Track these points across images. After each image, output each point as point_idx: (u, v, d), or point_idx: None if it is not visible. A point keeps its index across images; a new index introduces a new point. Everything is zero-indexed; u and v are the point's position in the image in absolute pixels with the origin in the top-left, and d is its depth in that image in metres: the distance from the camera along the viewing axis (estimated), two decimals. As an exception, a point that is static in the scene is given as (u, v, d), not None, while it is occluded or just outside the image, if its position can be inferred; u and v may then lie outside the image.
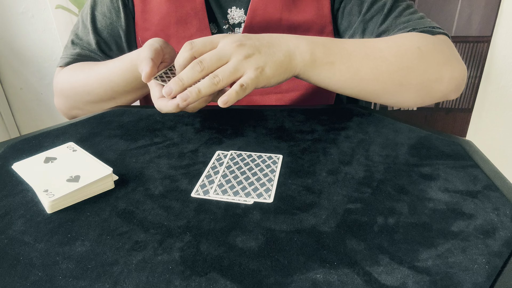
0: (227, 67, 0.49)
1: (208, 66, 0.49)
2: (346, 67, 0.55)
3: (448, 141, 0.52)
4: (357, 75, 0.55)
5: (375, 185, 0.44)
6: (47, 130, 0.58)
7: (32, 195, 0.43)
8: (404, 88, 0.58)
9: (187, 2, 0.70)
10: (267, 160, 0.48)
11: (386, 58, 0.56)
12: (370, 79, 0.56)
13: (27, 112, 1.68)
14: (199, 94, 0.48)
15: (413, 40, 0.59)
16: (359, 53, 0.55)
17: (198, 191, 0.43)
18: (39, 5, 1.47)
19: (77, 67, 0.72)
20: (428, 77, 0.58)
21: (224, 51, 0.49)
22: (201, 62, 0.49)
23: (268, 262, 0.34)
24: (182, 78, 0.49)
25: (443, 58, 0.59)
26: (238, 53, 0.49)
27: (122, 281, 0.32)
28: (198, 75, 0.49)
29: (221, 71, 0.48)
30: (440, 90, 0.59)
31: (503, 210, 0.39)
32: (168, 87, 0.49)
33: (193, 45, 0.50)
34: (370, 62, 0.56)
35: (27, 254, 0.35)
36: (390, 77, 0.56)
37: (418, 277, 0.32)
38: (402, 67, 0.56)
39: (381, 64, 0.56)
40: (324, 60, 0.54)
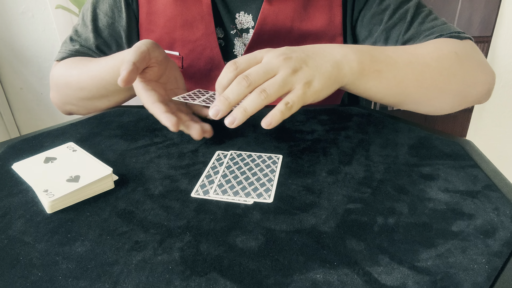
0: (275, 80, 0.45)
1: (254, 81, 0.45)
2: (393, 75, 0.53)
3: (448, 141, 0.52)
4: (402, 82, 0.54)
5: (375, 185, 0.44)
6: (47, 130, 0.58)
7: (32, 195, 0.43)
8: (444, 94, 0.57)
9: (194, 6, 0.69)
10: (267, 160, 0.48)
11: (429, 64, 0.55)
12: (414, 86, 0.54)
13: (27, 112, 1.68)
14: (246, 114, 0.44)
15: (449, 45, 0.58)
16: (403, 60, 0.54)
17: (198, 191, 0.43)
18: (39, 5, 1.47)
19: (72, 62, 0.71)
20: (466, 82, 0.57)
21: (271, 65, 0.46)
22: (247, 77, 0.45)
23: (268, 262, 0.34)
24: (228, 96, 0.44)
25: (476, 63, 0.59)
26: (286, 66, 0.46)
27: (122, 281, 0.32)
28: (245, 91, 0.45)
29: (268, 85, 0.45)
30: (474, 95, 0.59)
31: (503, 210, 0.39)
32: (214, 109, 0.44)
33: (237, 64, 0.46)
34: (414, 69, 0.54)
35: (27, 254, 0.35)
36: (433, 83, 0.55)
37: (418, 277, 0.32)
38: (443, 73, 0.55)
39: (425, 70, 0.54)
40: (372, 68, 0.51)
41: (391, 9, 0.66)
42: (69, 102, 0.71)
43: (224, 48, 0.73)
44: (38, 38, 1.53)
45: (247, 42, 0.72)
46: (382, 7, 0.67)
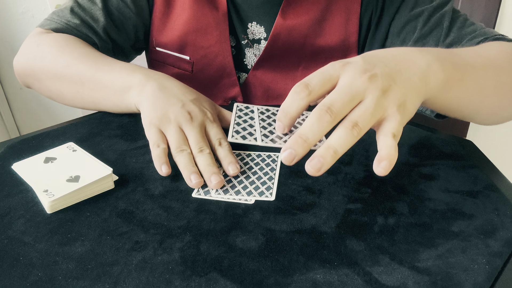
0: (366, 108, 0.36)
1: (340, 113, 0.35)
2: (474, 82, 0.45)
3: (448, 141, 0.52)
4: (483, 90, 0.47)
5: (375, 185, 0.44)
6: (47, 130, 0.58)
7: (32, 195, 0.43)
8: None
9: (210, 12, 0.68)
10: (267, 159, 0.48)
11: (503, 68, 0.48)
12: (494, 93, 0.48)
13: (27, 112, 1.68)
14: (336, 156, 0.35)
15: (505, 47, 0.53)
16: (480, 64, 0.47)
17: (199, 191, 0.43)
18: (39, 5, 1.47)
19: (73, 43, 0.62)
20: None
21: (356, 88, 0.36)
22: (330, 109, 0.35)
23: (268, 262, 0.34)
24: (307, 137, 0.35)
25: None
26: (374, 88, 0.36)
27: (122, 281, 0.32)
28: (329, 128, 0.36)
29: (360, 115, 0.35)
30: None
31: (503, 210, 0.39)
32: (289, 153, 0.35)
33: (310, 88, 0.37)
34: (492, 74, 0.48)
35: (27, 254, 0.35)
36: (509, 88, 0.49)
37: (418, 277, 0.32)
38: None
39: (502, 75, 0.48)
40: (455, 77, 0.43)
41: (426, 15, 0.62)
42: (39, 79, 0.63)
43: (235, 57, 0.73)
44: (38, 38, 1.53)
45: (258, 52, 0.71)
46: (415, 13, 0.64)
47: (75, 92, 0.60)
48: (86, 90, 0.59)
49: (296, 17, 0.67)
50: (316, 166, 0.34)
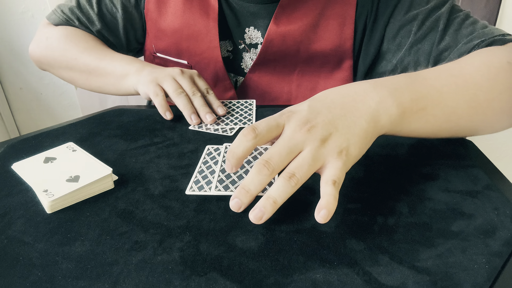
0: (303, 159, 0.38)
1: (277, 165, 0.38)
2: (440, 109, 0.44)
3: (448, 141, 0.52)
4: (454, 114, 0.45)
5: (375, 185, 0.44)
6: (47, 130, 0.58)
7: (32, 195, 0.43)
8: (506, 114, 0.49)
9: (201, 19, 0.69)
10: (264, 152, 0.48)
11: (480, 85, 0.47)
12: (468, 115, 0.46)
13: (27, 112, 1.68)
14: (276, 205, 0.37)
15: (497, 54, 0.50)
16: (449, 88, 0.45)
17: (193, 187, 0.43)
18: (39, 5, 1.47)
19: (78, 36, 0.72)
20: None
21: (294, 141, 0.38)
22: (268, 162, 0.37)
23: (268, 262, 0.34)
24: (250, 188, 0.38)
25: None
26: (312, 139, 0.38)
27: (122, 281, 0.32)
28: (268, 179, 0.38)
29: (297, 166, 0.37)
30: None
31: (503, 210, 0.39)
32: (235, 202, 0.39)
33: (257, 132, 0.39)
34: (464, 95, 0.46)
35: (26, 254, 0.35)
36: (490, 105, 0.47)
37: (418, 277, 0.32)
38: (500, 91, 0.47)
39: (477, 93, 0.46)
40: (414, 108, 0.43)
41: (420, 19, 0.61)
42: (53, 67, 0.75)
43: (232, 61, 0.73)
44: (38, 38, 1.53)
45: (254, 56, 0.72)
46: (409, 17, 0.62)
47: (84, 79, 0.72)
48: (93, 77, 0.70)
49: (290, 23, 0.67)
50: (257, 215, 0.37)
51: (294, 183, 0.37)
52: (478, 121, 0.48)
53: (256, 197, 0.39)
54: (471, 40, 0.56)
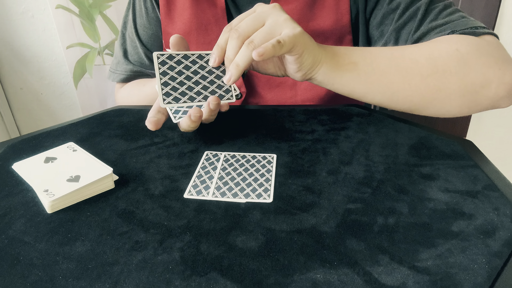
0: (263, 29, 0.47)
1: (243, 31, 0.47)
2: (372, 68, 0.51)
3: (448, 141, 0.52)
4: (384, 77, 0.51)
5: (375, 185, 0.44)
6: (47, 130, 0.58)
7: (32, 195, 0.43)
8: (443, 94, 0.53)
9: (209, 9, 0.70)
10: (262, 160, 0.48)
11: (416, 61, 0.52)
12: (400, 82, 0.52)
13: (27, 112, 1.69)
14: (239, 68, 0.47)
15: (451, 42, 0.54)
16: (385, 54, 0.52)
17: (191, 191, 0.43)
18: (39, 5, 1.47)
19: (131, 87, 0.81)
20: (471, 81, 0.52)
21: (260, 13, 0.48)
22: (236, 29, 0.47)
23: (268, 262, 0.34)
24: (220, 43, 0.48)
25: (489, 60, 0.53)
26: (276, 13, 0.48)
27: (122, 281, 0.32)
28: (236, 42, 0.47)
29: (256, 35, 0.47)
30: (488, 97, 0.53)
31: (503, 210, 0.39)
32: (213, 56, 0.49)
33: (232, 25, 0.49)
34: (398, 64, 0.52)
35: (27, 254, 0.35)
36: (424, 81, 0.52)
37: (418, 277, 0.32)
38: (436, 70, 0.52)
39: (411, 66, 0.52)
40: (346, 60, 0.51)
41: (402, 8, 0.63)
42: None
43: None
44: (38, 38, 1.53)
45: None
46: (392, 6, 0.64)
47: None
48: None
49: (287, 3, 0.68)
50: (227, 76, 0.48)
51: (252, 48, 0.46)
52: (411, 93, 0.53)
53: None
54: (443, 30, 0.58)
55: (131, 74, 0.82)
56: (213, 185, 0.44)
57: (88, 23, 1.50)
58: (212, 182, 0.45)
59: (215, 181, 0.45)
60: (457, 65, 0.52)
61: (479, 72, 0.52)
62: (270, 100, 0.74)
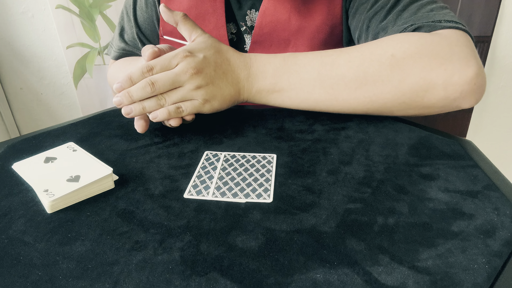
0: (176, 94, 0.51)
1: (159, 89, 0.50)
2: (295, 93, 0.55)
3: (448, 141, 0.52)
4: (310, 98, 0.55)
5: (375, 185, 0.44)
6: (47, 130, 0.58)
7: (32, 195, 0.43)
8: (376, 103, 0.53)
9: (207, 2, 0.71)
10: (262, 160, 0.48)
11: (343, 76, 0.52)
12: (327, 99, 0.54)
13: (27, 112, 1.68)
14: (143, 111, 0.51)
15: (390, 45, 0.52)
16: (310, 74, 0.53)
17: (191, 191, 0.43)
18: (39, 5, 1.47)
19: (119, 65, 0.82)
20: (409, 87, 0.50)
21: (179, 77, 0.50)
22: (153, 84, 0.50)
23: (268, 262, 0.34)
24: (132, 95, 0.50)
25: (432, 62, 0.49)
26: (191, 82, 0.51)
27: (122, 281, 0.32)
28: (148, 95, 0.50)
29: (170, 95, 0.51)
30: (436, 99, 0.51)
31: (503, 210, 0.39)
32: (118, 99, 0.51)
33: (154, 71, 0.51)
34: (323, 82, 0.53)
35: (27, 254, 0.35)
36: (352, 95, 0.53)
37: (418, 277, 0.32)
38: (366, 82, 0.51)
39: (337, 82, 0.52)
40: (271, 90, 0.55)
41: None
42: None
43: (235, 43, 0.75)
44: (38, 38, 1.53)
45: None
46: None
47: None
48: None
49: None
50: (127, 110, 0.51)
51: (163, 103, 0.51)
52: (343, 107, 0.55)
53: None
54: (404, 23, 0.57)
55: (123, 52, 0.85)
56: (213, 185, 0.44)
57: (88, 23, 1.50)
58: (212, 182, 0.45)
59: (215, 181, 0.45)
60: (390, 73, 0.50)
61: (418, 77, 0.50)
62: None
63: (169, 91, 0.51)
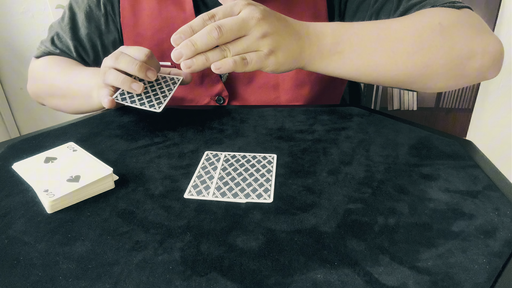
0: (241, 43, 0.47)
1: (226, 35, 0.45)
2: (357, 54, 0.52)
3: (448, 141, 0.52)
4: (371, 61, 0.52)
5: (375, 185, 0.44)
6: (47, 130, 0.58)
7: (32, 195, 0.43)
8: (430, 69, 0.53)
9: (179, 16, 0.69)
10: (262, 161, 0.48)
11: (402, 39, 0.52)
12: (387, 63, 0.53)
13: (27, 112, 1.68)
14: (206, 64, 0.46)
15: (433, 16, 0.54)
16: (370, 36, 0.52)
17: (191, 191, 0.43)
18: (39, 5, 1.47)
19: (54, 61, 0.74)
20: (457, 54, 0.53)
21: (245, 23, 0.46)
22: (220, 28, 0.45)
23: (268, 262, 0.34)
24: (196, 43, 0.45)
25: (472, 32, 0.54)
26: (258, 30, 0.47)
27: (122, 281, 0.32)
28: (214, 43, 0.46)
29: (235, 45, 0.47)
30: (475, 68, 0.53)
31: (503, 210, 0.39)
32: (177, 52, 0.45)
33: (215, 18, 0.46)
34: (384, 44, 0.52)
35: (27, 254, 0.35)
36: (411, 59, 0.52)
37: (418, 277, 0.32)
38: (422, 47, 0.52)
39: (397, 45, 0.52)
40: (332, 50, 0.52)
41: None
42: (43, 100, 0.77)
43: None
44: (38, 38, 1.53)
45: None
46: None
47: (64, 104, 0.72)
48: (68, 100, 0.70)
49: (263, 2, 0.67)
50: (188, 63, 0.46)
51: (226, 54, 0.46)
52: (399, 72, 0.53)
53: None
54: (423, 7, 0.59)
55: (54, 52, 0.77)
56: (213, 185, 0.44)
57: (88, 23, 1.49)
58: (212, 182, 0.44)
59: (215, 181, 0.45)
60: (442, 39, 0.52)
61: (464, 44, 0.53)
62: (253, 102, 0.73)
63: (233, 41, 0.47)
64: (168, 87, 0.60)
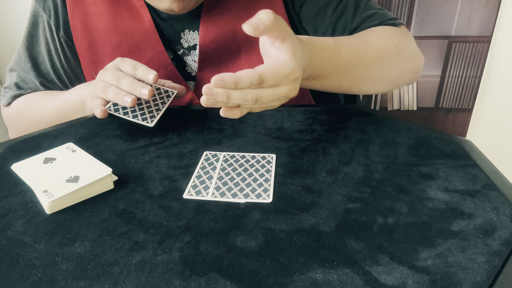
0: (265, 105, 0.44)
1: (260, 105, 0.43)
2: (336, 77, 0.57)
3: (447, 141, 0.52)
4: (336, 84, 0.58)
5: (374, 184, 0.44)
6: (47, 130, 0.58)
7: (32, 196, 0.43)
8: (382, 81, 0.63)
9: (137, 29, 0.68)
10: (261, 160, 0.48)
11: (368, 65, 0.59)
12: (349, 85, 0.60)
13: (27, 112, 1.68)
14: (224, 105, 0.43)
15: (392, 38, 0.63)
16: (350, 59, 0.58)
17: (190, 191, 0.43)
18: (38, 5, 1.47)
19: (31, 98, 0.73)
20: (400, 70, 0.63)
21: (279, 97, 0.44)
22: (256, 101, 0.42)
23: (267, 262, 0.34)
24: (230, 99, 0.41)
25: (411, 51, 0.65)
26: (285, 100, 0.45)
27: (122, 282, 0.32)
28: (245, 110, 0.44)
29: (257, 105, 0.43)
30: (406, 80, 0.65)
31: (502, 209, 0.39)
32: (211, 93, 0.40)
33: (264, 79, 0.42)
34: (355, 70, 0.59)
35: (26, 255, 0.35)
36: (374, 75, 0.61)
37: (417, 276, 0.32)
38: (381, 70, 0.61)
39: (364, 71, 0.60)
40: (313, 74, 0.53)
41: (334, 4, 0.69)
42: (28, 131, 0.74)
43: (176, 68, 0.72)
44: (38, 39, 1.53)
45: (196, 58, 0.71)
46: (324, 2, 0.70)
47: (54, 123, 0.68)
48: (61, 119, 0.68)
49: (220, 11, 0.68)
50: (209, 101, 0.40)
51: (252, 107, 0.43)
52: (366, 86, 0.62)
53: None
54: (372, 20, 0.68)
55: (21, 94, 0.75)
56: (213, 185, 0.44)
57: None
58: (212, 182, 0.45)
59: (214, 181, 0.45)
60: (395, 60, 0.62)
61: (405, 62, 0.64)
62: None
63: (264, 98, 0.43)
64: (162, 100, 0.60)
